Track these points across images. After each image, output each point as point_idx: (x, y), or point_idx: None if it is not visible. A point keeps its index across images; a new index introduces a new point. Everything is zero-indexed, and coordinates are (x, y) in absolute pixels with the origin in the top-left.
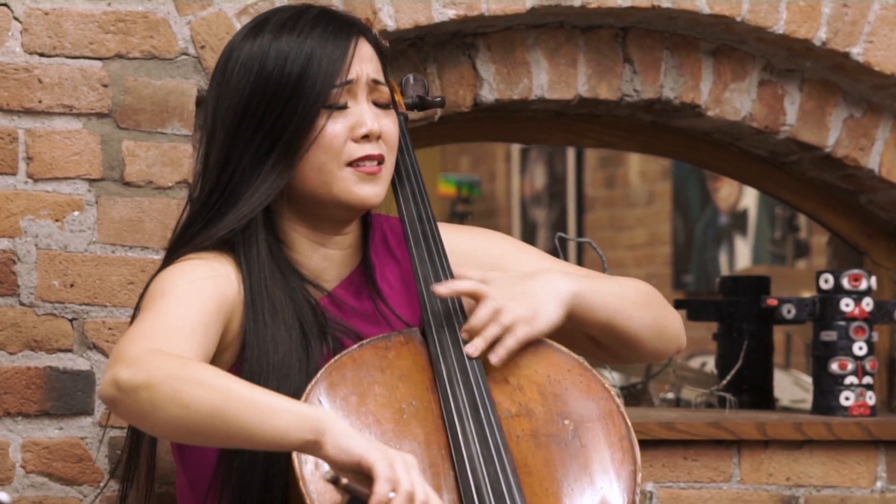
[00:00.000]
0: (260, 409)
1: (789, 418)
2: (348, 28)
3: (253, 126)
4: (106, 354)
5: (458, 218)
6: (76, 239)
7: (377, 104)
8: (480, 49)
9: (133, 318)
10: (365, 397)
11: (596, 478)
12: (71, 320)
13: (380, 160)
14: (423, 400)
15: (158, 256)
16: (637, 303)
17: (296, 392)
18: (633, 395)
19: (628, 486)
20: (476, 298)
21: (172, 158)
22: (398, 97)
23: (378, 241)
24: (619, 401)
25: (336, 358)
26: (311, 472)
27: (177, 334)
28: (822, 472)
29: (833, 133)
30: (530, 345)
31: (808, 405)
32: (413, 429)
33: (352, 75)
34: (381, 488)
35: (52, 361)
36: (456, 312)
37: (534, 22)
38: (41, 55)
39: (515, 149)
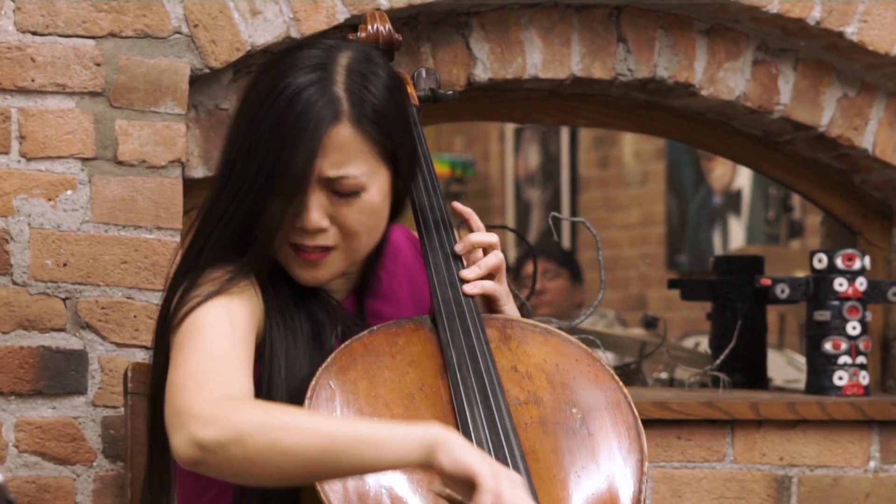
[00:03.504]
0: (370, 443)
1: (783, 398)
2: (322, 119)
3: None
4: (99, 333)
5: (451, 198)
6: (69, 218)
7: (338, 193)
8: (474, 28)
9: (157, 349)
10: (375, 382)
11: (603, 466)
12: (64, 299)
13: (323, 248)
14: (433, 386)
15: (152, 236)
16: None
17: (306, 380)
18: (627, 375)
19: (635, 473)
20: (494, 303)
21: (166, 137)
22: (411, 89)
23: (385, 256)
24: (627, 391)
25: (346, 343)
26: None
27: (227, 369)
28: (816, 451)
29: (827, 112)
30: (540, 335)
31: (801, 385)
32: (422, 414)
33: (297, 170)
34: (484, 499)
35: (45, 341)
36: (466, 300)
37: (528, 1)
38: (34, 34)
39: (509, 129)
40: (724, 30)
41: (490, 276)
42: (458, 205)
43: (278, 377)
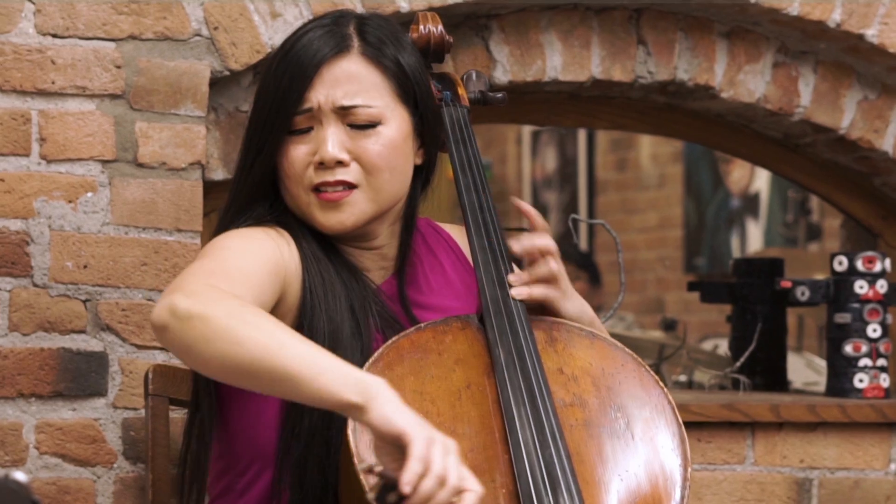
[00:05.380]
0: (313, 363)
1: (803, 400)
2: (323, 50)
3: (247, 149)
4: (119, 336)
5: None
6: (89, 220)
7: (354, 126)
8: (494, 31)
9: None
10: (422, 379)
11: (646, 470)
12: (84, 301)
13: (346, 185)
14: (479, 384)
15: (172, 238)
16: None
17: (349, 337)
18: None
19: (678, 479)
20: (548, 304)
21: (186, 140)
22: (461, 91)
23: (419, 245)
24: (671, 397)
25: (394, 339)
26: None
27: (235, 280)
28: (836, 454)
29: (847, 115)
30: (586, 338)
31: (820, 388)
32: (468, 412)
33: (310, 104)
34: (412, 466)
35: (66, 343)
36: (515, 301)
37: (547, 3)
38: (54, 36)
39: (526, 132)
40: (744, 32)
41: (541, 282)
42: (520, 202)
43: (322, 329)
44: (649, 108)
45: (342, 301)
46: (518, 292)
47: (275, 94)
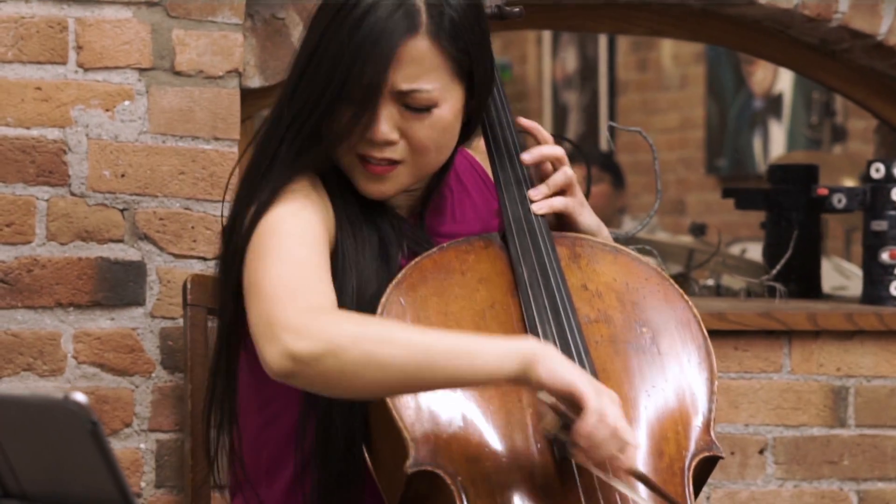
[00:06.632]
0: (465, 356)
1: (840, 308)
2: (395, 31)
3: (302, 110)
4: (157, 245)
5: None
6: (127, 129)
7: (410, 107)
8: None
9: (225, 260)
10: (445, 299)
11: (673, 385)
12: (122, 210)
13: (391, 161)
14: (503, 303)
15: (209, 146)
16: None
17: (375, 295)
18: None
19: (705, 392)
20: (568, 217)
21: (223, 48)
22: None
23: (450, 177)
24: (696, 310)
25: (416, 259)
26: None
27: (314, 279)
28: (873, 362)
29: (885, 21)
30: (609, 253)
31: (849, 292)
32: (493, 331)
33: (370, 80)
34: (589, 418)
35: (104, 252)
36: (536, 218)
37: None
38: None
39: (547, 32)
40: None
41: (559, 192)
42: (522, 119)
43: (350, 288)
44: (685, 14)
45: (373, 258)
46: (538, 207)
47: (345, 71)
